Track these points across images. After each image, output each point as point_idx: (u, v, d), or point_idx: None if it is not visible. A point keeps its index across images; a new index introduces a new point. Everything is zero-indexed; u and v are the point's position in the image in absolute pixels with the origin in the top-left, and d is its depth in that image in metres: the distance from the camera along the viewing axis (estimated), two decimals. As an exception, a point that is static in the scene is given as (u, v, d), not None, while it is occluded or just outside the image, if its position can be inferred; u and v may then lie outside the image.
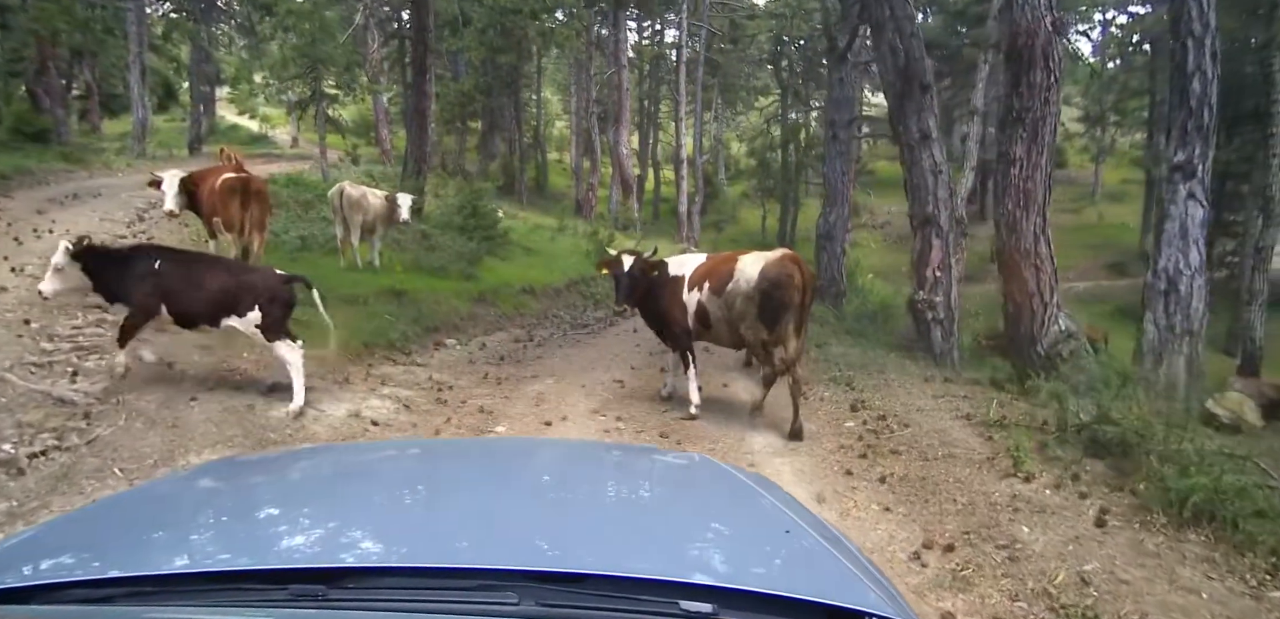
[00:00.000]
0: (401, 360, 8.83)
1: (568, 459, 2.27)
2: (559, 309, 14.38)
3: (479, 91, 27.61)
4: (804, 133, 40.89)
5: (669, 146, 44.82)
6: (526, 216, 24.91)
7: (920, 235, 9.89)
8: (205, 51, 37.39)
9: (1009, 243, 7.54)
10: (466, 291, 12.07)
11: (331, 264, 11.35)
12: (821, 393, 7.86)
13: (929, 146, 9.60)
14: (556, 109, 53.22)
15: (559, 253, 18.63)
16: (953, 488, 5.41)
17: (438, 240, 14.22)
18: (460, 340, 10.21)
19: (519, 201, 28.91)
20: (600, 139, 33.62)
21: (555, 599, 1.11)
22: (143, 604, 1.14)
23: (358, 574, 1.17)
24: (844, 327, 13.35)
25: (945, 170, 9.79)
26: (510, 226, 20.08)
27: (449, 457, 2.30)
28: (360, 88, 24.52)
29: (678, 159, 33.50)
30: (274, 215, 12.15)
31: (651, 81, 43.17)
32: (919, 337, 10.07)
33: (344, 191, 11.68)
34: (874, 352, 10.43)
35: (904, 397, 7.57)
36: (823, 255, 15.49)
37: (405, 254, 12.81)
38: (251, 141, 37.88)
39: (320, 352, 8.04)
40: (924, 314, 9.84)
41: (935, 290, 9.74)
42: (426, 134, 17.70)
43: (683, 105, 33.28)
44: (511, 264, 15.80)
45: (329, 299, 9.87)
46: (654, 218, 42.18)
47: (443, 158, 31.43)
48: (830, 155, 15.40)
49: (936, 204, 9.63)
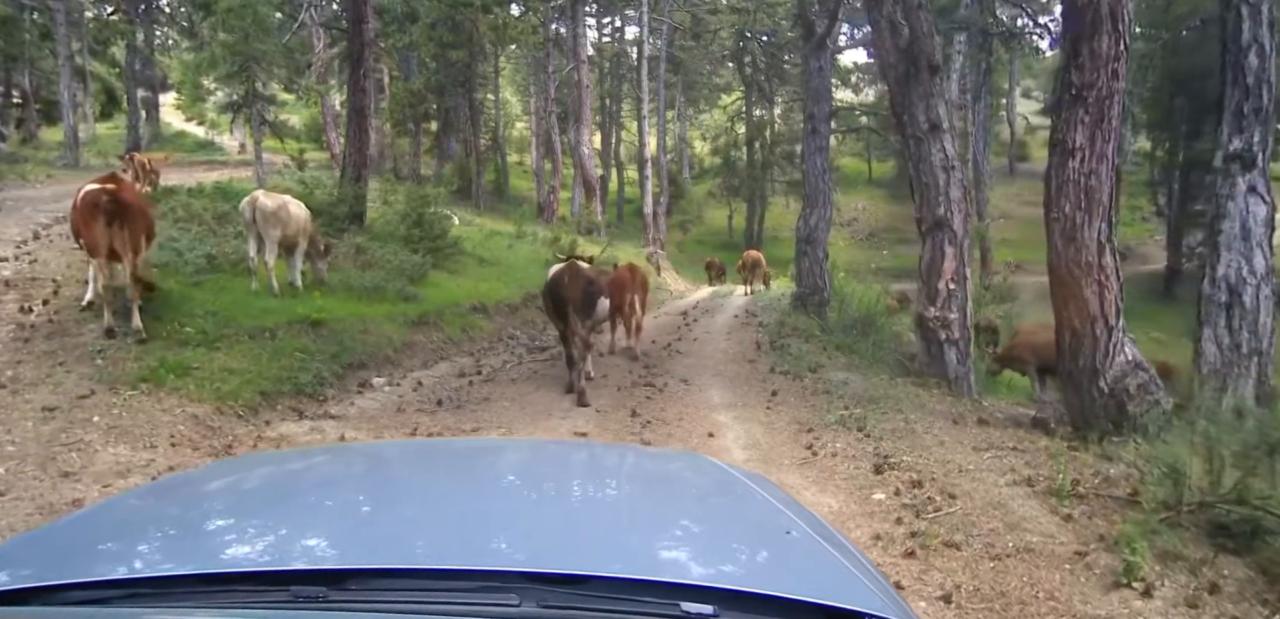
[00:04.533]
0: (310, 412, 6.99)
1: (568, 460, 2.22)
2: (516, 328, 12.58)
3: (430, 90, 25.56)
4: (769, 130, 39.45)
5: (632, 146, 43.16)
6: (483, 223, 23.00)
7: (930, 242, 8.30)
8: (144, 55, 35.17)
9: (1065, 254, 5.93)
10: (404, 315, 10.21)
11: (242, 287, 9.44)
12: (832, 442, 6.19)
13: (940, 138, 8.03)
14: (517, 110, 51.14)
15: (516, 262, 16.80)
16: (1044, 609, 3.78)
17: (376, 254, 12.30)
18: (391, 378, 8.38)
19: (475, 207, 26.95)
20: (561, 139, 31.72)
21: (556, 600, 1.08)
22: (142, 605, 1.11)
23: (359, 575, 1.12)
24: (833, 341, 11.75)
25: (959, 166, 8.23)
26: (463, 235, 18.22)
27: (450, 457, 2.24)
28: (302, 88, 22.38)
29: (642, 159, 31.82)
30: (172, 231, 10.32)
31: (613, 79, 41.41)
32: (930, 359, 8.48)
33: (257, 202, 9.73)
34: (877, 377, 8.82)
35: (937, 448, 5.93)
36: (804, 260, 13.90)
37: (335, 273, 10.91)
38: (196, 148, 35.55)
39: (195, 408, 6.19)
40: (936, 333, 8.27)
41: (949, 305, 8.17)
42: (366, 135, 15.72)
43: (646, 103, 31.59)
44: (462, 278, 13.95)
45: (228, 332, 8.03)
46: (618, 219, 40.49)
47: (395, 161, 29.37)
48: (809, 151, 13.80)
49: (949, 206, 8.05)
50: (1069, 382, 6.29)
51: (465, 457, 2.25)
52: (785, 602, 1.09)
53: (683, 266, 31.72)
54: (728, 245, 40.48)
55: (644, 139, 31.81)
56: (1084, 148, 5.72)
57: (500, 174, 38.33)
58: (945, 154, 8.05)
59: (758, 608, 1.08)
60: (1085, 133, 5.71)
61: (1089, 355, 5.94)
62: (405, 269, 12.09)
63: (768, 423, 6.98)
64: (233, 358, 7.31)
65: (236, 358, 7.33)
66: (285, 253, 10.22)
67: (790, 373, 9.10)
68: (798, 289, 14.12)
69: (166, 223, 11.65)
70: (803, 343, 11.60)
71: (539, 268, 16.66)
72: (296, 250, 10.21)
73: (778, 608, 1.08)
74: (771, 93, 40.94)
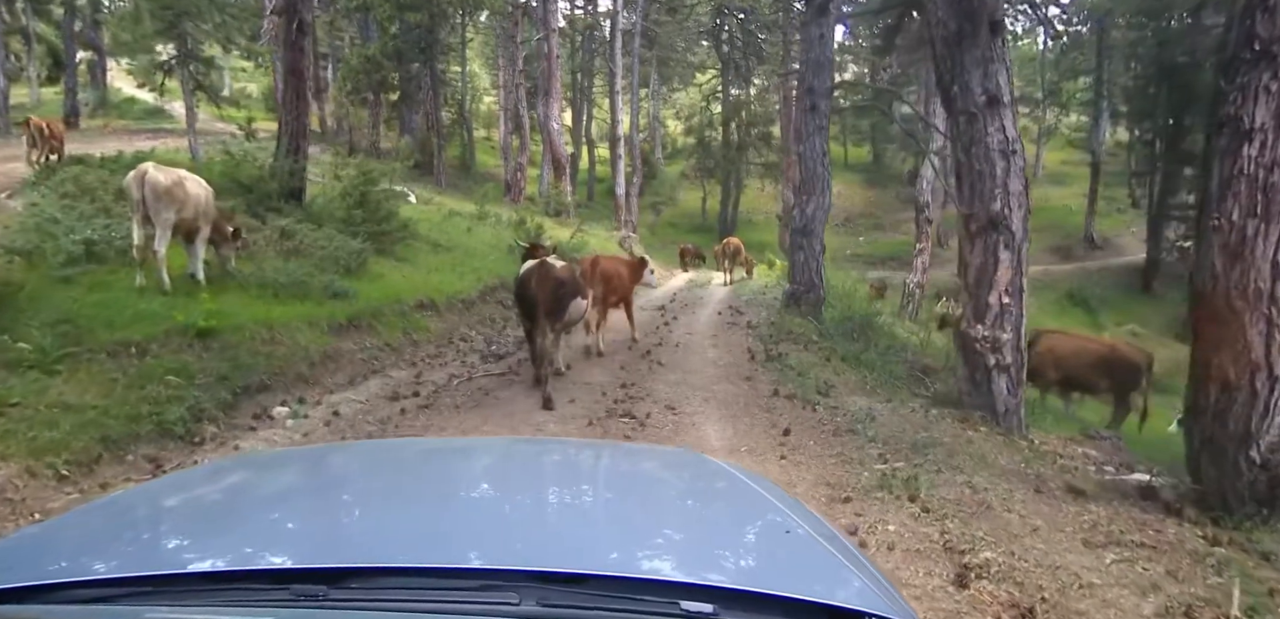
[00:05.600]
0: (176, 461, 5.12)
1: (568, 459, 2.15)
2: (470, 328, 10.73)
3: (387, 58, 23.31)
4: (746, 111, 37.71)
5: (604, 124, 41.16)
6: (442, 202, 20.96)
7: (980, 244, 6.62)
8: (85, 14, 32.58)
9: (1226, 278, 4.18)
10: (330, 318, 8.30)
11: (126, 282, 7.48)
12: (880, 520, 4.47)
13: (999, 114, 6.35)
14: (486, 83, 48.72)
15: (476, 247, 14.88)
16: None
17: (306, 240, 10.31)
18: (300, 406, 6.50)
19: (437, 184, 24.86)
20: (529, 115, 29.62)
21: (556, 599, 1.06)
22: (143, 604, 1.09)
23: (359, 574, 1.11)
24: (835, 350, 10.09)
25: (1021, 150, 6.56)
26: (418, 216, 16.24)
27: (450, 455, 2.15)
28: (243, 49, 20.09)
29: (614, 136, 29.89)
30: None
31: (585, 53, 39.26)
32: (974, 387, 6.82)
33: (146, 177, 7.75)
34: (904, 406, 7.17)
35: (1029, 538, 4.26)
36: (799, 254, 12.20)
37: (248, 264, 8.96)
38: (145, 115, 32.86)
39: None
40: (983, 357, 6.62)
41: (1001, 323, 6.53)
42: (305, 100, 13.64)
43: (619, 78, 29.63)
44: (411, 267, 12.03)
45: (78, 349, 6.11)
46: (589, 199, 38.55)
47: (351, 134, 27.10)
48: (807, 131, 12.05)
49: (1007, 200, 6.39)
50: (1207, 446, 4.64)
51: (466, 455, 2.14)
52: (785, 601, 1.07)
53: (655, 249, 29.91)
54: (701, 228, 38.80)
55: (616, 116, 29.85)
56: (1269, 129, 4.04)
57: (466, 150, 36.14)
58: (1006, 135, 6.37)
59: (758, 607, 1.07)
60: (1271, 107, 4.03)
61: (1243, 416, 4.31)
62: (340, 258, 10.15)
63: (786, 482, 5.25)
64: (75, 387, 5.40)
65: (81, 387, 5.42)
66: (184, 239, 8.28)
67: (798, 398, 7.41)
68: (791, 285, 12.43)
69: (50, 200, 9.61)
70: (801, 350, 9.93)
71: (500, 255, 14.79)
72: (197, 237, 8.27)
73: (778, 607, 1.07)
74: (748, 71, 39.19)
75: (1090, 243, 35.13)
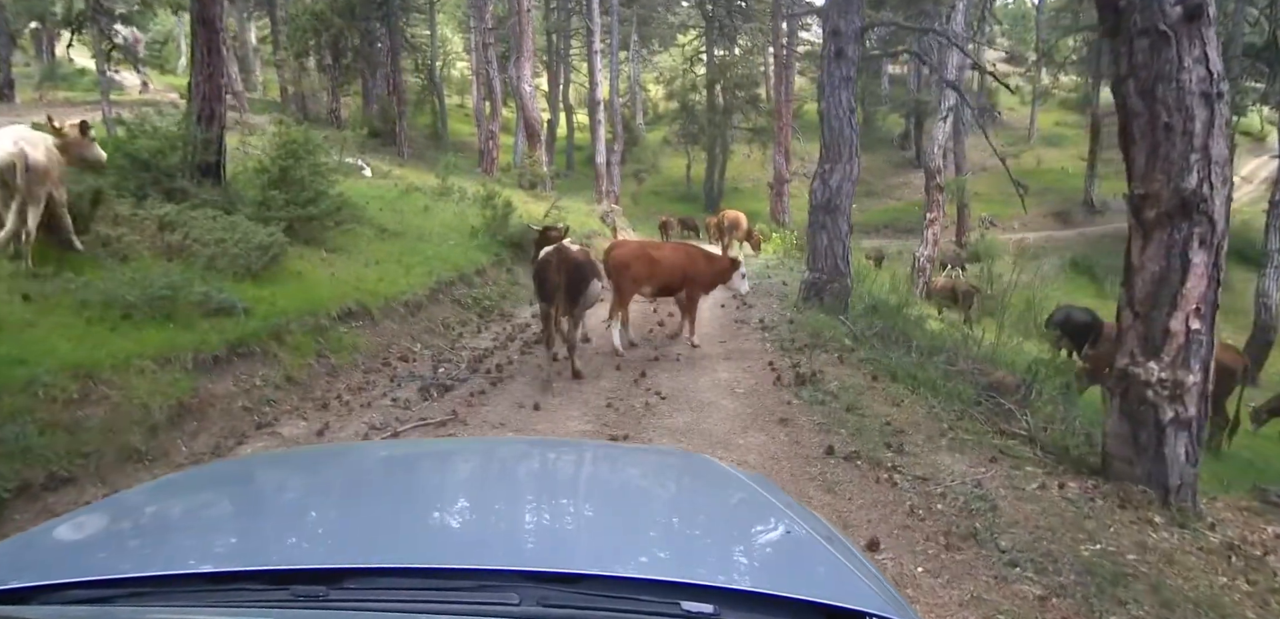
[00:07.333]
0: None
1: (568, 459, 2.05)
2: (414, 339, 8.29)
3: (337, 14, 20.44)
4: (731, 72, 35.08)
5: (582, 89, 38.34)
6: (403, 175, 18.34)
7: (1159, 239, 4.22)
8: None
9: None
10: (201, 345, 5.80)
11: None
12: None
13: (1200, 39, 3.98)
14: (458, 47, 45.54)
15: (432, 230, 12.32)
16: None
17: (194, 232, 7.74)
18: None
19: (398, 156, 22.13)
20: (501, 79, 26.82)
21: (556, 599, 1.03)
22: (143, 604, 1.06)
23: (359, 574, 1.07)
24: (879, 362, 7.74)
25: (1227, 94, 4.18)
26: (369, 193, 13.66)
27: (449, 456, 2.07)
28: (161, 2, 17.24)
29: (593, 101, 27.21)
30: None
31: (561, 13, 36.33)
32: (1137, 450, 4.45)
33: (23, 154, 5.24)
34: (1022, 471, 4.86)
35: None
36: (821, 235, 9.80)
37: (92, 271, 6.42)
38: (95, 87, 29.82)
39: None
40: (1158, 408, 4.31)
41: (1185, 361, 4.22)
42: (219, 58, 10.92)
43: (597, 37, 26.90)
44: (345, 260, 9.51)
45: None
46: (568, 168, 35.86)
47: (303, 100, 24.25)
48: (830, 84, 9.62)
49: (1208, 170, 4.04)
50: None
51: (465, 455, 2.07)
52: (786, 601, 1.05)
53: (639, 221, 27.41)
54: (686, 197, 36.31)
55: (595, 79, 27.15)
56: None
57: (437, 117, 33.29)
58: (1209, 69, 4.01)
59: (758, 607, 1.04)
60: None
61: None
62: (240, 256, 7.63)
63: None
64: None
65: None
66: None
67: (862, 458, 5.08)
68: (811, 273, 10.05)
69: None
70: (837, 363, 7.62)
71: (462, 239, 12.28)
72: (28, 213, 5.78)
73: (778, 607, 1.04)
74: (733, 31, 36.50)
75: (1090, 207, 33.18)
